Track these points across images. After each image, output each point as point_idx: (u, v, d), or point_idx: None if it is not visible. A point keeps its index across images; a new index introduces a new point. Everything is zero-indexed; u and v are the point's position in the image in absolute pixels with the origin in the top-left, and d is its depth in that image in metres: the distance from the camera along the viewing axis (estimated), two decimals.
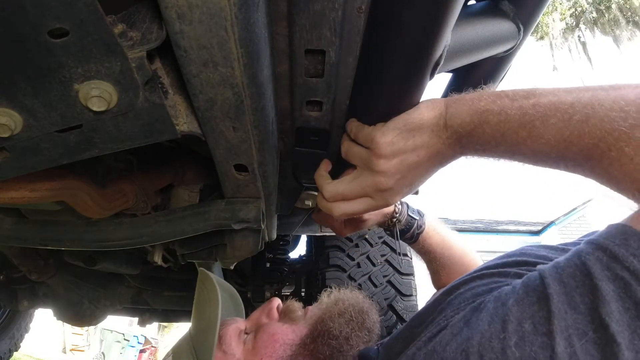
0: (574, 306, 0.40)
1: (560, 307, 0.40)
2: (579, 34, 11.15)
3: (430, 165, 0.58)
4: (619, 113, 0.41)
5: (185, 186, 0.91)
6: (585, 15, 10.86)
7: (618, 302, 0.38)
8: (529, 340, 0.40)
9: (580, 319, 0.39)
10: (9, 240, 0.87)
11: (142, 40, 0.43)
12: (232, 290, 0.94)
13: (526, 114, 0.47)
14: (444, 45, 0.52)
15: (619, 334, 0.37)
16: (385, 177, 0.58)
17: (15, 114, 0.43)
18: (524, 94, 0.49)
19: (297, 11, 0.48)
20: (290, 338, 0.68)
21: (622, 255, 0.39)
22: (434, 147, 0.55)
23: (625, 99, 0.41)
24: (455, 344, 0.46)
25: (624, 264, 0.39)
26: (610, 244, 0.41)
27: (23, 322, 2.56)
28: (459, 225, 10.65)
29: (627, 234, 0.40)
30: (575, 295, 0.40)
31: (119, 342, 12.19)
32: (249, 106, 0.53)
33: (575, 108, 0.44)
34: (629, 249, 0.39)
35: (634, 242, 0.39)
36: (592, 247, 0.42)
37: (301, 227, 1.45)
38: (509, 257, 0.61)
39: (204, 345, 0.67)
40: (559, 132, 0.44)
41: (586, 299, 0.40)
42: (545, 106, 0.46)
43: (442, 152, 0.56)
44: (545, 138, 0.45)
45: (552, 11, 10.74)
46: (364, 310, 0.70)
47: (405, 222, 0.98)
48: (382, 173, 0.57)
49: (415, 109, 0.57)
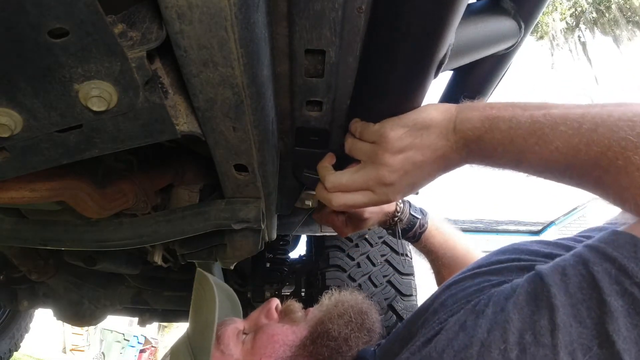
0: (580, 320, 0.39)
1: (566, 320, 0.39)
2: (579, 34, 11.15)
3: (434, 168, 0.58)
4: (627, 122, 0.41)
5: (185, 186, 0.90)
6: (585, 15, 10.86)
7: (626, 318, 0.37)
8: (531, 352, 0.40)
9: (585, 333, 0.39)
10: (9, 240, 0.87)
11: (142, 40, 0.43)
12: (230, 290, 0.94)
13: (537, 121, 0.47)
14: (448, 45, 0.52)
15: (626, 351, 0.36)
16: (389, 171, 0.58)
17: (15, 114, 0.43)
18: (535, 106, 0.49)
19: (297, 11, 0.48)
20: (290, 339, 0.68)
21: (631, 269, 0.38)
22: (440, 150, 0.56)
23: (634, 111, 0.42)
24: (452, 351, 0.45)
25: (633, 279, 0.38)
26: (619, 256, 0.40)
27: (23, 322, 2.55)
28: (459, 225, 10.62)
29: (636, 247, 0.40)
30: (581, 309, 0.40)
31: (119, 342, 12.19)
32: (249, 106, 0.53)
33: (584, 118, 0.45)
34: (639, 263, 0.39)
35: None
36: (599, 257, 0.41)
37: (301, 227, 1.45)
38: (502, 253, 0.61)
39: (201, 345, 0.67)
40: (567, 140, 0.45)
41: (593, 313, 0.39)
42: (556, 115, 0.47)
43: (448, 155, 0.56)
44: (554, 145, 0.46)
45: (552, 11, 10.74)
46: (363, 311, 0.70)
47: (407, 221, 0.97)
48: (387, 166, 0.58)
49: (425, 109, 0.58)
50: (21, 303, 1.72)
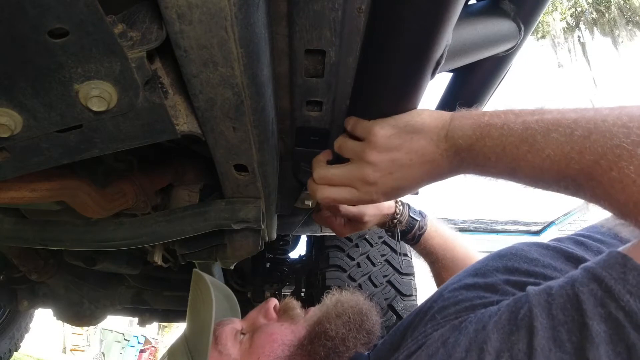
0: (560, 344, 0.37)
1: (545, 345, 0.37)
2: (578, 34, 11.15)
3: (421, 174, 0.56)
4: (621, 128, 0.39)
5: (185, 186, 0.90)
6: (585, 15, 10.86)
7: (609, 345, 0.35)
8: None
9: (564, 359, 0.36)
10: (9, 240, 0.87)
11: (142, 40, 0.43)
12: (227, 290, 0.94)
13: (529, 128, 0.46)
14: (445, 45, 0.52)
15: None
16: (373, 169, 0.57)
17: (15, 114, 0.43)
18: (529, 111, 0.48)
19: (297, 11, 0.48)
20: (288, 339, 0.67)
21: (618, 292, 0.36)
22: (429, 156, 0.54)
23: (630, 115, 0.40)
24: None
25: (619, 302, 0.35)
26: (607, 276, 0.37)
27: (23, 322, 2.55)
28: (459, 225, 10.63)
29: (626, 267, 0.37)
30: (562, 332, 0.37)
31: (119, 342, 12.20)
32: (249, 106, 0.53)
33: (578, 124, 0.42)
34: (626, 285, 0.36)
35: (633, 277, 0.36)
36: (587, 276, 0.39)
37: (301, 227, 1.45)
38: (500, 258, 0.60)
39: (199, 346, 0.66)
40: (559, 147, 0.43)
41: (574, 337, 0.37)
42: (548, 121, 0.45)
43: (438, 163, 0.54)
44: (545, 152, 0.43)
45: (552, 11, 10.75)
46: (363, 312, 0.69)
47: (406, 223, 0.97)
48: (371, 165, 0.57)
49: (419, 113, 0.57)
50: (21, 303, 1.72)
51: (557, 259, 0.58)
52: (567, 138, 0.42)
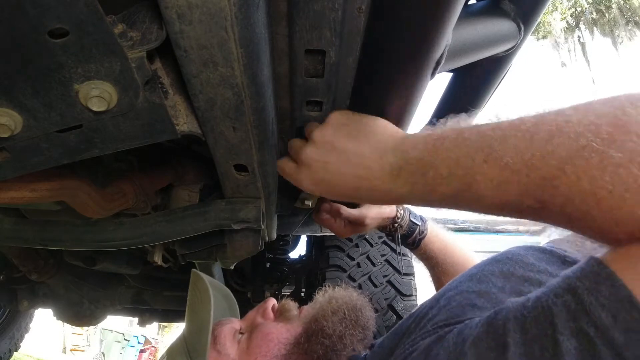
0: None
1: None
2: (578, 34, 11.15)
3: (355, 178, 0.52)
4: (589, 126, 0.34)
5: (185, 186, 0.90)
6: (585, 15, 10.86)
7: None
8: None
9: None
10: (9, 240, 0.87)
11: (142, 40, 0.43)
12: (226, 290, 0.94)
13: (485, 136, 0.41)
14: (445, 45, 0.52)
15: None
16: (312, 147, 0.57)
17: (15, 114, 0.43)
18: (487, 122, 0.43)
19: (297, 11, 0.48)
20: (284, 337, 0.68)
21: (590, 304, 0.33)
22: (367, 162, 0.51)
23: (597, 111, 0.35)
24: None
25: (591, 316, 0.32)
26: (580, 286, 0.34)
27: (23, 322, 2.55)
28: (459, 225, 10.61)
29: (599, 277, 0.33)
30: (535, 348, 0.35)
31: (119, 342, 12.20)
32: (249, 106, 0.53)
33: (538, 127, 0.37)
34: (599, 297, 0.32)
35: (605, 288, 0.32)
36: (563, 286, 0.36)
37: (301, 227, 1.45)
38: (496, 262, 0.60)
39: (197, 345, 0.67)
40: (519, 155, 0.37)
41: (546, 353, 0.34)
42: (506, 128, 0.40)
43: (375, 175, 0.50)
44: (504, 160, 0.38)
45: (553, 11, 10.75)
46: (357, 308, 0.69)
47: (407, 227, 0.98)
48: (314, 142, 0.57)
49: (378, 119, 0.56)
50: (21, 303, 1.72)
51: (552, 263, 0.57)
52: (527, 143, 0.37)
